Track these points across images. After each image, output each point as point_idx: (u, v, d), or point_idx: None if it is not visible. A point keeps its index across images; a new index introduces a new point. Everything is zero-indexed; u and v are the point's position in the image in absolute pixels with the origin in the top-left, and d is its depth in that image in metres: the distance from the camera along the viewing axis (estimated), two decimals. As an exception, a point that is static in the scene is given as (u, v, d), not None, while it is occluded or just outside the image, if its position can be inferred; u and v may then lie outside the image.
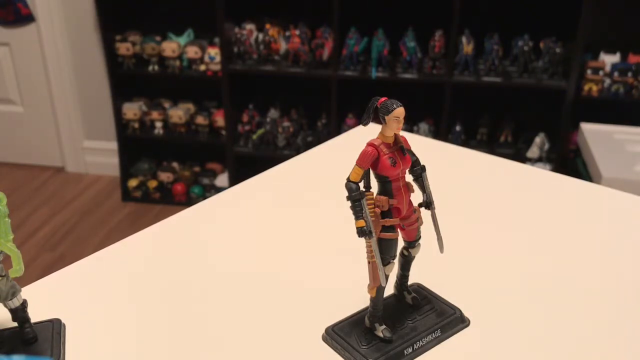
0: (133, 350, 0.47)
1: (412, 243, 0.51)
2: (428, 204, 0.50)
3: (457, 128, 2.67)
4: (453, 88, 2.53)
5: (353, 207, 0.44)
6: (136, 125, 2.95)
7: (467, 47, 2.49)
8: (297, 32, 2.58)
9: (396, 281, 0.54)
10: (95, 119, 3.24)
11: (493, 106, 2.75)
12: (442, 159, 0.95)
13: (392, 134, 0.44)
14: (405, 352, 0.48)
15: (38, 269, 2.44)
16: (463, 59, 2.51)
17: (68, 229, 2.82)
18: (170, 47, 2.74)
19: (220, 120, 2.87)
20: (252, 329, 0.50)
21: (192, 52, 2.74)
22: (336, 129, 2.70)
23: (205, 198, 0.93)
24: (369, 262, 0.47)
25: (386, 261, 0.47)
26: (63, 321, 0.49)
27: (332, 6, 2.46)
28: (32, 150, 3.34)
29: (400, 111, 0.43)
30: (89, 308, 0.52)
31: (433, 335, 0.50)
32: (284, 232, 0.65)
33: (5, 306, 0.45)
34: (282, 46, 2.65)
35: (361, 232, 0.44)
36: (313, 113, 2.86)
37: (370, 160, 0.44)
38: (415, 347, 0.49)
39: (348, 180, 0.44)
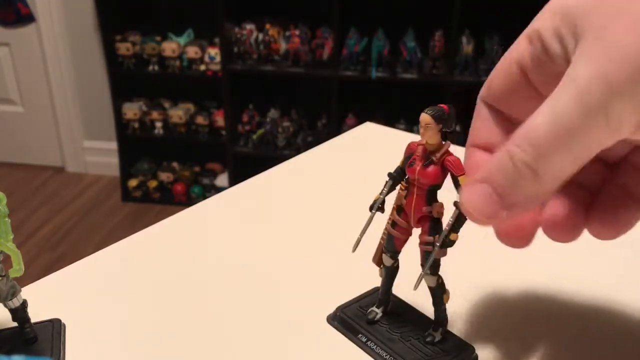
0: (133, 350, 0.47)
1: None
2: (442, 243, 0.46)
3: (457, 128, 2.67)
4: (453, 88, 2.53)
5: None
6: (136, 125, 2.95)
7: (467, 47, 2.48)
8: (297, 32, 2.58)
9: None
10: (95, 119, 3.24)
11: (493, 106, 2.74)
12: (442, 159, 0.94)
13: (424, 141, 0.43)
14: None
15: (38, 269, 2.44)
16: (463, 59, 2.50)
17: (68, 229, 2.82)
18: (170, 47, 2.74)
19: (220, 120, 2.87)
20: (251, 329, 0.50)
21: (192, 52, 2.75)
22: (336, 129, 2.70)
23: (205, 198, 0.93)
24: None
25: (385, 251, 0.47)
26: (63, 321, 0.49)
27: (332, 6, 2.46)
28: (32, 150, 3.34)
29: (421, 117, 0.42)
30: (89, 308, 0.52)
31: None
32: (285, 232, 0.65)
33: (5, 306, 0.45)
34: (282, 46, 2.65)
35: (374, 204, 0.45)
36: (313, 113, 2.86)
37: (405, 155, 0.45)
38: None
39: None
